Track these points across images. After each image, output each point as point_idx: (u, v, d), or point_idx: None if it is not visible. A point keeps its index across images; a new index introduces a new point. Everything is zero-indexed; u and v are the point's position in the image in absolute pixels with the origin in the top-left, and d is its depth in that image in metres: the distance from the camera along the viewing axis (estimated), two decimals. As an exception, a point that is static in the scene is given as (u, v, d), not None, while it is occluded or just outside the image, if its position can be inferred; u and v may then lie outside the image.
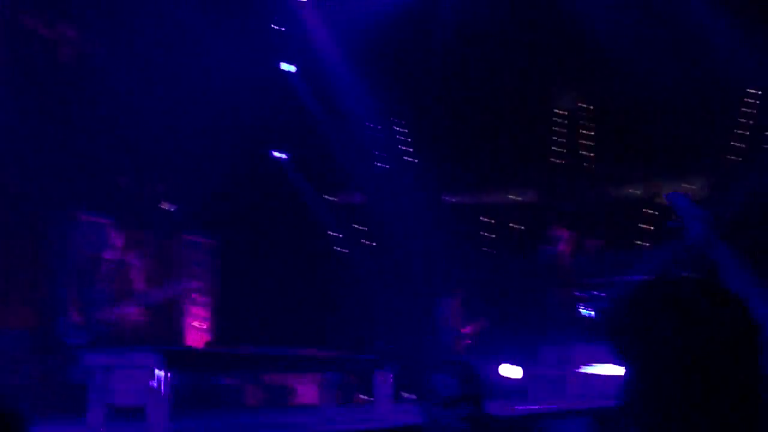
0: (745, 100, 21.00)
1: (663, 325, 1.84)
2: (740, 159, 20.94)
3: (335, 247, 21.68)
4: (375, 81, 19.77)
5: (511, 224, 22.30)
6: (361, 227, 22.07)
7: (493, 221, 22.42)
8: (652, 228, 21.18)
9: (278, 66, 19.64)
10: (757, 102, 20.94)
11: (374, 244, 21.86)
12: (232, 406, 14.51)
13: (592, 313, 16.70)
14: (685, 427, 1.79)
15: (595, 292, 17.50)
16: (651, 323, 1.86)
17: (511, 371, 16.41)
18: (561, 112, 22.87)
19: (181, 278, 10.90)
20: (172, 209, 17.39)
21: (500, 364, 16.47)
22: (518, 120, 21.67)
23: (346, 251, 21.68)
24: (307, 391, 16.11)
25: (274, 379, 16.09)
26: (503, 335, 16.97)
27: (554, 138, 22.78)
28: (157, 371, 7.83)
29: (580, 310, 16.13)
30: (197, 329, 18.46)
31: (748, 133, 21.06)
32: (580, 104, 22.66)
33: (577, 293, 16.66)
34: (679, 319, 1.83)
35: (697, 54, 18.79)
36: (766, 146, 20.63)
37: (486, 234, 22.37)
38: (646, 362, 1.86)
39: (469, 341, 16.49)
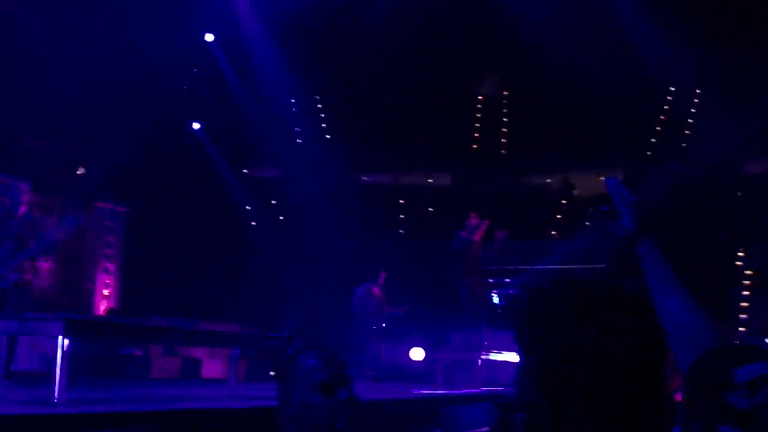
0: (667, 98, 21.31)
1: (566, 324, 1.86)
2: (655, 153, 21.27)
3: (247, 221, 21.56)
4: (296, 57, 19.65)
5: (428, 208, 22.39)
6: (275, 201, 21.99)
7: (405, 203, 22.46)
8: (563, 218, 21.44)
9: (200, 37, 19.36)
10: (672, 99, 21.27)
11: (282, 218, 21.82)
12: (138, 378, 14.37)
13: (500, 299, 16.83)
14: (573, 425, 1.82)
15: (506, 279, 17.66)
16: (556, 321, 1.88)
17: (416, 354, 16.51)
18: (482, 98, 22.96)
19: (76, 212, 10.63)
20: (84, 174, 17.15)
21: (410, 347, 16.57)
22: (439, 103, 21.73)
23: (255, 224, 21.57)
24: (215, 365, 16.02)
25: (182, 352, 15.96)
26: (414, 319, 17.04)
27: (474, 124, 22.86)
28: (59, 339, 7.71)
29: (491, 296, 16.24)
30: (104, 297, 18.26)
31: (660, 128, 21.39)
32: (500, 92, 22.77)
33: (488, 280, 16.79)
34: (583, 320, 1.85)
35: (618, 49, 19.00)
36: (682, 143, 20.97)
37: (402, 216, 22.43)
38: (544, 355, 1.87)
39: (388, 324, 16.52)
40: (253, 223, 21.59)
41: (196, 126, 20.52)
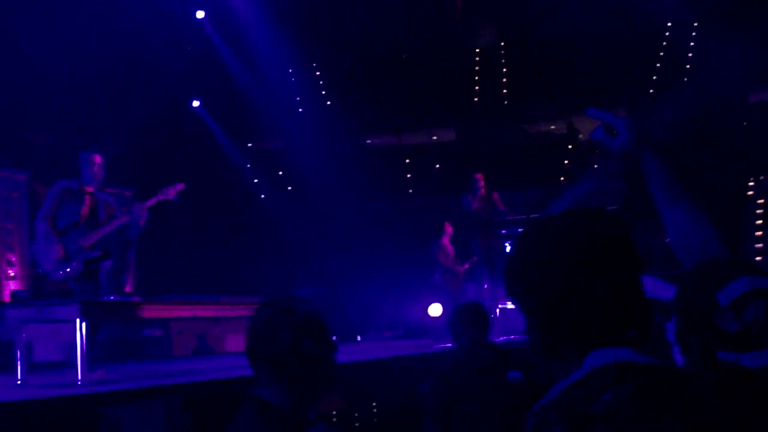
0: (665, 33, 21.16)
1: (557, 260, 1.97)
2: (657, 89, 21.16)
3: (255, 194, 21.55)
4: (289, 24, 19.55)
5: (435, 165, 22.39)
6: (280, 172, 21.97)
7: (411, 162, 22.45)
8: (570, 164, 21.40)
9: (191, 14, 19.22)
10: (670, 34, 21.13)
11: (290, 188, 21.82)
12: (158, 357, 14.43)
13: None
14: None
15: (518, 229, 17.64)
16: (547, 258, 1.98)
17: (434, 310, 16.50)
18: (479, 50, 22.84)
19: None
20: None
21: (428, 303, 16.58)
22: (436, 60, 21.65)
23: (263, 197, 21.57)
24: (236, 339, 16.01)
25: (200, 329, 15.93)
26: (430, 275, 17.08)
27: (474, 77, 22.76)
28: (77, 322, 7.80)
29: (505, 246, 16.17)
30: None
31: (660, 64, 21.27)
32: (497, 42, 22.64)
33: (501, 231, 16.76)
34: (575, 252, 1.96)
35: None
36: (684, 77, 20.87)
37: (409, 175, 22.43)
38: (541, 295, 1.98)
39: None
40: (262, 195, 21.60)
41: (195, 104, 20.47)
